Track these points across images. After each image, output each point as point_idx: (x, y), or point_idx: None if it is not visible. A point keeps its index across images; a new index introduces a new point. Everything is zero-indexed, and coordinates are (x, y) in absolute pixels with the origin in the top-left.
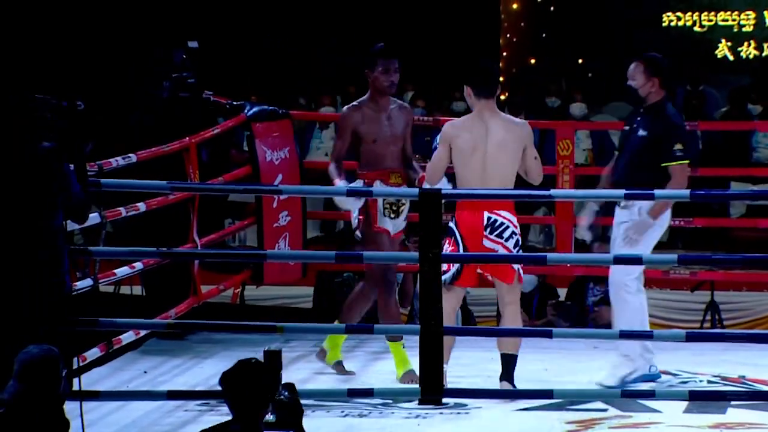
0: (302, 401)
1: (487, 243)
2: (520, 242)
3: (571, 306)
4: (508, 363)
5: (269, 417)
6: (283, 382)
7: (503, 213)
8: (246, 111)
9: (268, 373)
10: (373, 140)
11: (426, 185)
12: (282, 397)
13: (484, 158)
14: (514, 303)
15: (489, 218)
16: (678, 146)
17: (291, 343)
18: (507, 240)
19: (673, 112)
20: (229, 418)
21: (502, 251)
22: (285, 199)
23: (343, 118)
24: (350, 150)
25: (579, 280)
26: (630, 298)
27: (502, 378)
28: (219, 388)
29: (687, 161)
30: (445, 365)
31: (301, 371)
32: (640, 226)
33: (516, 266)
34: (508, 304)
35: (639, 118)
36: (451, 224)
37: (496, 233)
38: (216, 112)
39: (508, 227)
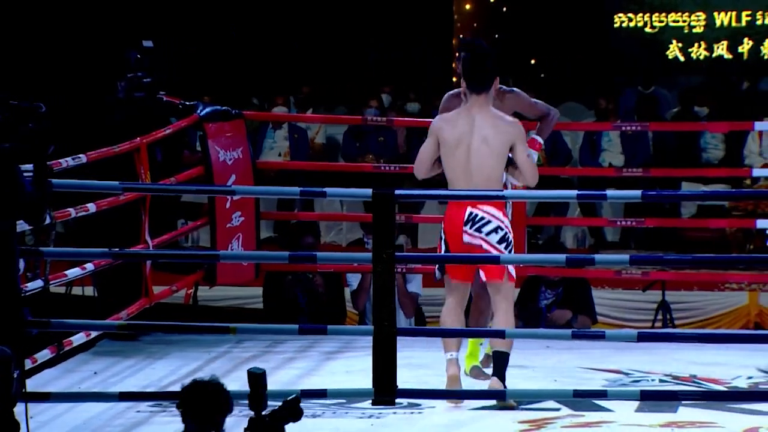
0: None
1: (466, 239)
2: (510, 239)
3: (532, 309)
4: (500, 360)
5: None
6: (290, 399)
7: (486, 208)
8: (198, 111)
9: (223, 396)
10: None
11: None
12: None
13: (468, 153)
14: (504, 302)
15: (470, 213)
16: None
17: (244, 343)
18: (488, 235)
19: None
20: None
21: (484, 246)
22: (238, 199)
23: (445, 100)
24: None
25: (531, 281)
26: None
27: (493, 374)
28: (171, 389)
29: None
30: (456, 353)
31: None
32: None
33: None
34: (499, 302)
35: None
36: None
37: (475, 228)
38: (168, 113)
39: (490, 222)
